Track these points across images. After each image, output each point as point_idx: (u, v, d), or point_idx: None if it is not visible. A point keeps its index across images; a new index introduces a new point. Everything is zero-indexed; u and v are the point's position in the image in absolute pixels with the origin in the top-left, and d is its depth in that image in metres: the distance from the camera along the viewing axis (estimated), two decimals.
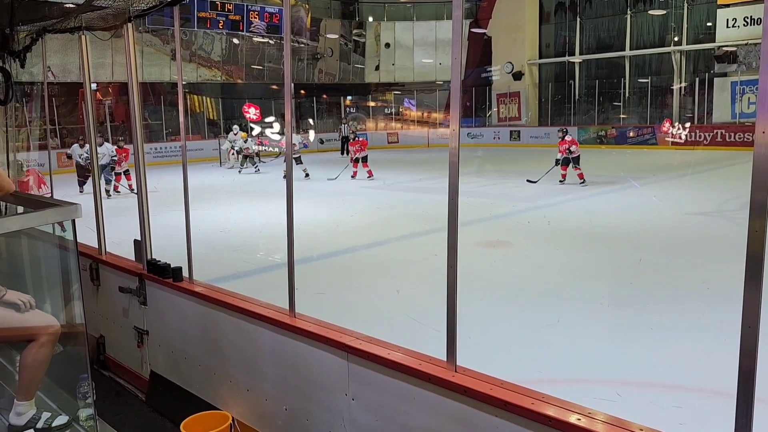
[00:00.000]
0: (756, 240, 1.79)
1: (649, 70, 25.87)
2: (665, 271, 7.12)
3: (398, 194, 14.42)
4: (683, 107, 24.63)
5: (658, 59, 25.49)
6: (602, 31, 27.18)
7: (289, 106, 3.53)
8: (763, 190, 1.75)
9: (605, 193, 13.24)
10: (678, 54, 24.47)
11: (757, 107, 1.78)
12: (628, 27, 25.97)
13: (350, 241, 9.22)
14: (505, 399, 2.38)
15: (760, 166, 1.74)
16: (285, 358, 3.51)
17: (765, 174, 1.74)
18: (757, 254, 1.80)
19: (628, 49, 26.00)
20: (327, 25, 29.99)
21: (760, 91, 1.77)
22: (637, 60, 26.11)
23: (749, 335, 1.83)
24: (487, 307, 5.87)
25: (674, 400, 4.00)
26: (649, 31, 25.67)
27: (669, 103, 25.05)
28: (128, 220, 6.15)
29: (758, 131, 1.74)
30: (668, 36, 24.96)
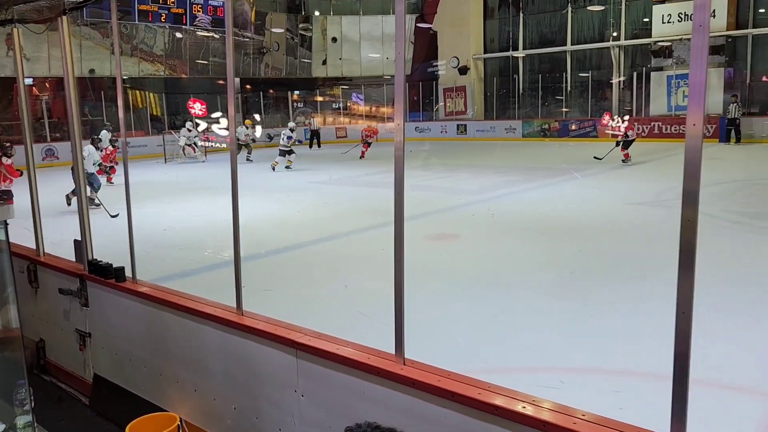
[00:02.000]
0: (688, 229, 1.86)
1: (589, 64, 26.55)
2: (605, 260, 7.34)
3: (346, 189, 14.40)
4: (622, 100, 25.38)
5: (598, 54, 26.17)
6: (544, 26, 27.73)
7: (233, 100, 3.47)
8: (694, 181, 1.82)
9: (549, 185, 13.53)
10: (617, 49, 25.18)
11: (688, 100, 1.85)
12: (569, 22, 26.57)
13: (298, 237, 9.16)
14: (452, 390, 2.41)
15: (690, 158, 1.81)
16: (233, 357, 3.47)
17: (696, 165, 1.81)
18: (690, 242, 1.87)
19: (569, 44, 26.60)
20: (273, 19, 29.61)
21: (690, 85, 1.84)
22: (578, 55, 26.75)
23: (683, 321, 1.90)
24: (435, 299, 5.93)
25: (614, 385, 4.14)
26: (589, 27, 26.32)
27: (609, 96, 25.77)
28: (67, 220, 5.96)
29: (689, 124, 1.81)
30: (607, 31, 25.65)
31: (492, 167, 17.39)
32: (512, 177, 14.83)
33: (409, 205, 2.70)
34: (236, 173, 3.43)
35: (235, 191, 3.43)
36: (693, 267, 1.87)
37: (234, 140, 3.56)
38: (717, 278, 6.06)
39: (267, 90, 30.31)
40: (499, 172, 15.87)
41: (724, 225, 8.74)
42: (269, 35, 29.46)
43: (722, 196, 10.98)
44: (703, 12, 1.79)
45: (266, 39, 29.40)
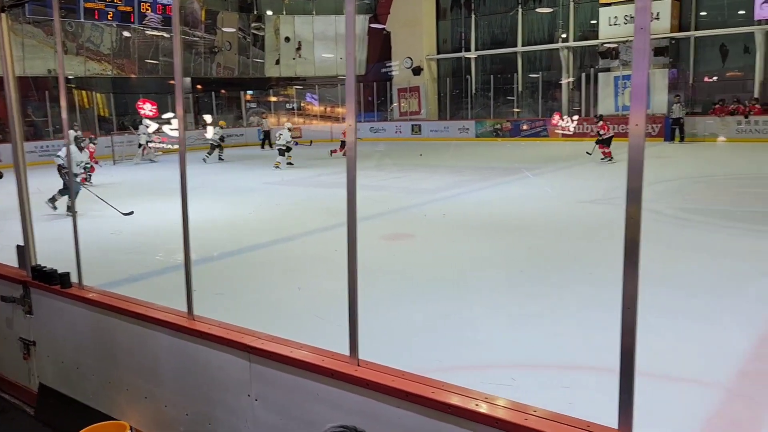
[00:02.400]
0: (632, 226, 1.91)
1: (539, 65, 27.05)
2: (555, 258, 7.48)
3: (300, 190, 14.31)
4: (571, 101, 25.95)
5: (547, 55, 26.69)
6: (496, 27, 28.12)
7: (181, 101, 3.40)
8: (637, 179, 1.87)
9: (501, 184, 13.73)
10: (565, 50, 25.72)
11: (630, 101, 1.89)
12: (520, 24, 27.02)
13: (251, 239, 9.05)
14: (406, 390, 2.41)
15: (633, 156, 1.86)
16: (185, 362, 3.40)
17: (638, 163, 1.86)
18: (634, 239, 1.92)
19: (520, 45, 27.05)
20: (224, 18, 29.18)
21: (633, 86, 1.89)
22: (528, 56, 27.22)
23: (628, 315, 1.95)
24: (390, 299, 5.94)
25: (565, 380, 4.22)
26: (539, 29, 26.82)
27: (558, 97, 26.32)
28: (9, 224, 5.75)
29: (632, 124, 1.86)
30: (556, 33, 26.19)
31: (446, 167, 17.54)
32: (466, 177, 14.99)
33: (365, 206, 2.70)
34: (185, 174, 3.36)
35: (185, 192, 3.36)
36: (637, 263, 1.91)
37: (183, 141, 3.48)
38: (663, 272, 6.25)
39: (219, 90, 29.88)
40: (454, 172, 16.02)
41: (669, 221, 9.02)
42: (221, 34, 29.04)
43: (667, 193, 11.34)
44: (644, 15, 1.84)
45: (218, 38, 28.97)
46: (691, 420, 3.70)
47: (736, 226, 8.31)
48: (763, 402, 3.91)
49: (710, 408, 3.83)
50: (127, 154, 22.00)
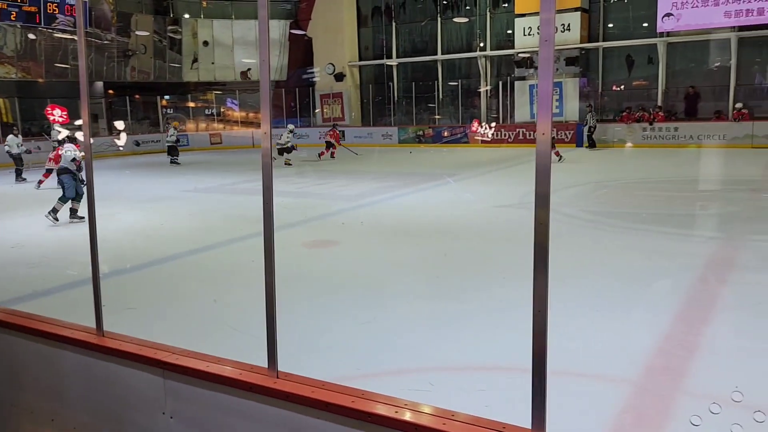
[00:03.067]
0: (541, 230, 1.96)
1: (459, 73, 27.66)
2: (473, 262, 7.64)
3: (220, 197, 13.99)
4: (490, 108, 26.69)
5: (466, 63, 27.33)
6: (416, 35, 28.56)
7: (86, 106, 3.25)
8: (544, 185, 1.92)
9: (424, 189, 13.92)
10: (483, 59, 26.43)
11: (537, 110, 1.95)
12: (439, 32, 27.55)
13: (166, 250, 8.73)
14: (326, 400, 2.39)
15: (541, 163, 1.91)
16: (94, 381, 3.24)
17: (545, 170, 1.91)
18: (543, 244, 1.97)
19: (440, 53, 27.58)
20: (138, 20, 28.22)
21: (539, 95, 1.94)
22: (448, 64, 27.79)
23: (539, 318, 2.00)
24: (310, 308, 5.89)
25: (482, 382, 4.31)
26: (457, 37, 27.44)
27: (477, 104, 27.00)
28: None
29: (538, 132, 1.91)
30: (475, 42, 26.88)
31: (369, 173, 17.63)
32: (389, 183, 15.09)
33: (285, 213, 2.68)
34: (92, 183, 3.21)
35: (92, 201, 3.21)
36: (547, 266, 1.97)
37: (89, 148, 3.33)
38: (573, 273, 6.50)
39: (133, 95, 28.82)
40: (377, 178, 16.11)
41: (580, 223, 9.40)
42: (135, 37, 28.05)
43: (579, 197, 11.83)
44: (548, 27, 1.89)
45: (132, 41, 27.97)
46: (601, 416, 3.85)
47: (641, 228, 8.75)
48: (668, 395, 4.12)
49: (619, 403, 4.00)
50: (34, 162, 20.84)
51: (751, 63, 22.09)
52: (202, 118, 31.02)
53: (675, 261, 7.34)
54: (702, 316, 5.57)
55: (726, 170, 15.72)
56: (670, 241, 8.16)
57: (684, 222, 8.83)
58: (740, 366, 4.44)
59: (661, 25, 21.63)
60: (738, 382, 3.96)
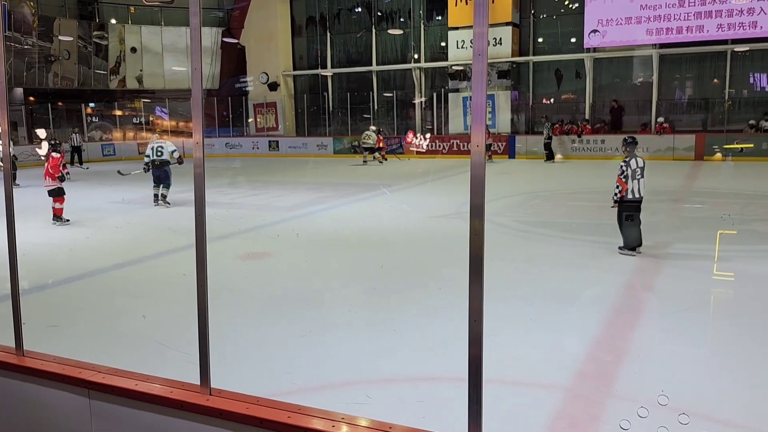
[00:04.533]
0: (476, 240, 1.98)
1: (394, 84, 27.93)
2: (409, 272, 7.69)
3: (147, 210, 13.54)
4: (424, 119, 27.04)
5: (401, 75, 27.63)
6: (351, 46, 28.67)
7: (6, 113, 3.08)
8: (479, 196, 1.95)
9: (360, 200, 13.93)
10: (418, 71, 26.79)
11: (471, 123, 1.97)
12: (374, 44, 27.77)
13: (92, 264, 8.37)
14: (261, 416, 2.33)
15: (475, 174, 1.94)
16: (13, 404, 3.06)
17: (480, 181, 1.94)
18: (478, 254, 1.99)
19: (375, 64, 27.78)
20: (61, 24, 27.14)
21: (473, 108, 1.97)
22: (383, 75, 28.02)
23: (475, 327, 2.02)
24: (246, 321, 5.77)
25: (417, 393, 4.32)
26: (392, 49, 27.72)
27: (412, 115, 27.32)
28: None
29: (473, 144, 1.93)
30: (409, 54, 27.21)
31: (304, 183, 17.51)
32: (324, 193, 15.03)
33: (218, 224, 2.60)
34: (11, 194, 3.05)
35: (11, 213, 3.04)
36: (482, 275, 1.99)
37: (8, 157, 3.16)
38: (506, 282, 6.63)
39: (56, 102, 27.64)
40: (312, 189, 16.02)
41: (513, 233, 9.62)
42: (58, 42, 26.95)
43: (512, 207, 12.11)
44: (481, 41, 1.92)
45: (54, 46, 26.86)
46: (535, 422, 3.93)
47: (572, 237, 9.04)
48: (599, 400, 4.25)
49: (553, 409, 4.09)
50: None
51: (671, 79, 23.29)
52: (129, 127, 30.06)
53: (603, 269, 7.61)
54: (629, 322, 5.78)
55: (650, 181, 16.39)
56: (598, 250, 8.45)
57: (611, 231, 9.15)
58: (666, 370, 4.63)
59: (588, 41, 22.54)
60: (664, 386, 4.12)
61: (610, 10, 21.77)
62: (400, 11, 27.23)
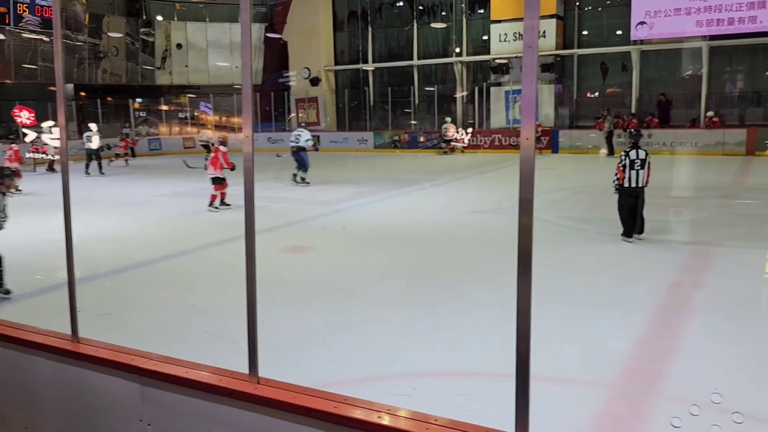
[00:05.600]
0: (525, 235, 1.97)
1: (435, 78, 27.80)
2: (452, 267, 7.67)
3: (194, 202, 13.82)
4: (466, 114, 26.86)
5: (442, 69, 27.49)
6: (392, 40, 28.66)
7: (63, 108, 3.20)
8: (528, 190, 1.94)
9: (400, 195, 13.94)
10: (459, 64, 26.61)
11: (521, 115, 1.96)
12: (415, 38, 27.68)
13: (143, 255, 8.60)
14: (307, 406, 2.37)
15: (524, 169, 1.93)
16: (69, 389, 3.17)
17: (529, 175, 1.93)
18: (527, 248, 1.98)
19: (416, 58, 27.70)
20: (110, 22, 27.86)
21: (522, 101, 1.96)
22: (424, 69, 27.92)
23: (523, 322, 2.01)
24: (290, 313, 5.85)
25: (463, 387, 4.32)
26: (433, 43, 27.59)
27: (453, 109, 27.16)
28: None
29: (522, 137, 1.93)
30: (450, 47, 27.04)
31: (345, 178, 17.61)
32: (365, 188, 15.08)
33: (263, 218, 2.64)
34: (68, 186, 3.16)
35: (67, 205, 3.15)
36: (530, 271, 1.98)
37: (65, 151, 3.27)
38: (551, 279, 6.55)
39: (105, 97, 28.40)
40: (352, 184, 16.10)
41: (557, 229, 9.49)
42: (107, 39, 27.67)
43: (555, 203, 11.95)
44: (532, 33, 1.91)
45: (103, 43, 27.58)
46: (580, 419, 3.89)
47: (616, 234, 8.86)
48: (644, 399, 4.17)
49: (597, 407, 4.04)
50: None
51: (721, 72, 22.59)
52: (175, 122, 30.69)
53: (650, 266, 7.45)
54: (677, 320, 5.66)
55: (698, 177, 16.03)
56: (644, 247, 8.28)
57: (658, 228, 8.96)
58: (714, 369, 4.52)
59: (635, 33, 22.00)
60: (716, 384, 4.03)
61: (659, 1, 21.18)
62: (441, 4, 27.07)
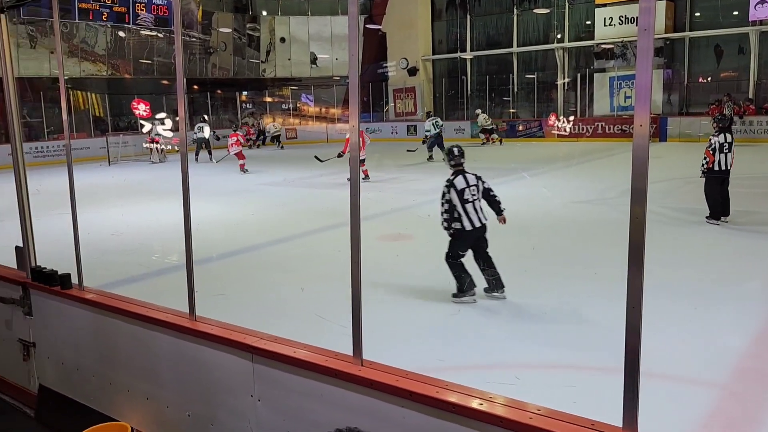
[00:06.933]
0: (637, 226, 1.92)
1: (535, 66, 27.10)
2: (555, 258, 7.49)
3: (299, 190, 14.30)
4: (567, 101, 26.02)
5: (543, 56, 26.74)
6: (491, 28, 28.18)
7: (183, 101, 3.41)
8: (641, 179, 1.88)
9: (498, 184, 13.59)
10: (561, 51, 25.78)
11: (635, 102, 1.91)
12: (515, 25, 27.08)
13: (252, 240, 9.04)
14: (410, 389, 2.42)
15: (638, 157, 1.87)
16: (186, 363, 3.40)
17: (643, 164, 1.88)
18: (638, 239, 1.93)
19: (516, 46, 27.10)
20: (219, 18, 29.17)
21: (637, 87, 1.90)
22: (524, 56, 27.27)
23: (633, 315, 1.96)
24: (390, 299, 5.95)
25: (568, 379, 4.23)
26: (534, 29, 26.87)
27: (554, 97, 26.38)
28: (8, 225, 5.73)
29: (636, 124, 1.87)
30: (552, 33, 26.25)
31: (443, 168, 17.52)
32: None
33: (364, 205, 2.71)
34: (187, 174, 3.37)
35: (187, 193, 3.37)
36: (642, 262, 1.93)
37: (185, 141, 3.49)
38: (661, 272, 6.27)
39: (215, 90, 29.83)
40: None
41: (666, 221, 9.06)
42: (216, 35, 29.02)
43: (664, 193, 11.39)
44: (647, 16, 1.85)
45: (213, 39, 28.95)
46: (690, 419, 3.72)
47: (729, 226, 8.36)
48: (758, 400, 3.94)
49: (708, 407, 3.85)
50: (123, 155, 21.96)
51: None
52: (278, 113, 31.74)
53: (765, 260, 6.97)
54: None
55: None
56: (759, 240, 7.76)
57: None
58: None
59: (754, 13, 20.42)
60: None
61: None
62: None
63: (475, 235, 5.76)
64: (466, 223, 5.71)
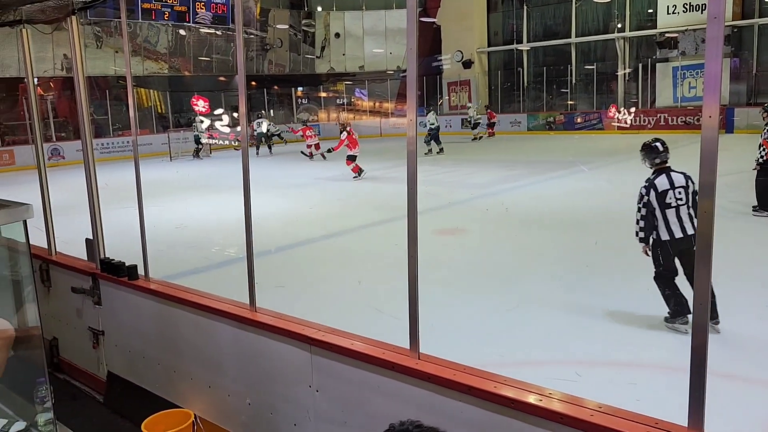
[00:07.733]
0: (705, 220, 1.86)
1: (594, 56, 26.42)
2: (618, 253, 7.30)
3: (355, 185, 14.39)
4: (628, 92, 25.28)
5: (602, 46, 26.05)
6: (548, 18, 27.62)
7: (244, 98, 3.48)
8: (710, 172, 1.82)
9: (556, 177, 13.49)
10: (621, 40, 25.06)
11: (703, 92, 1.84)
12: (573, 14, 26.45)
13: (309, 233, 9.17)
14: (468, 383, 2.42)
15: (707, 149, 1.81)
16: (247, 353, 3.49)
17: (712, 156, 1.81)
18: (707, 234, 1.87)
19: (574, 36, 26.49)
20: (276, 15, 29.60)
21: (706, 76, 1.84)
22: (582, 47, 26.63)
23: (700, 311, 1.90)
24: (447, 293, 5.93)
25: (630, 377, 4.13)
26: (593, 19, 26.20)
27: (614, 88, 25.67)
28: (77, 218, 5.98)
29: (705, 115, 1.81)
30: (612, 23, 25.53)
31: (498, 161, 17.37)
32: (518, 171, 14.79)
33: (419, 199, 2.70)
34: (248, 170, 3.44)
35: (247, 188, 3.44)
36: (710, 258, 1.87)
37: (246, 137, 3.57)
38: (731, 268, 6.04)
39: (271, 86, 30.31)
40: (506, 166, 15.84)
41: (732, 216, 8.72)
42: (272, 31, 29.48)
43: (730, 187, 10.94)
44: (717, 3, 1.78)
45: (269, 35, 29.41)
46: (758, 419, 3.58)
47: None
48: None
49: None
50: (183, 151, 22.58)
51: None
52: (332, 108, 32.01)
53: None
54: None
55: None
56: None
57: None
58: None
59: None
60: None
61: None
62: None
63: (678, 247, 4.80)
64: (663, 232, 4.84)
